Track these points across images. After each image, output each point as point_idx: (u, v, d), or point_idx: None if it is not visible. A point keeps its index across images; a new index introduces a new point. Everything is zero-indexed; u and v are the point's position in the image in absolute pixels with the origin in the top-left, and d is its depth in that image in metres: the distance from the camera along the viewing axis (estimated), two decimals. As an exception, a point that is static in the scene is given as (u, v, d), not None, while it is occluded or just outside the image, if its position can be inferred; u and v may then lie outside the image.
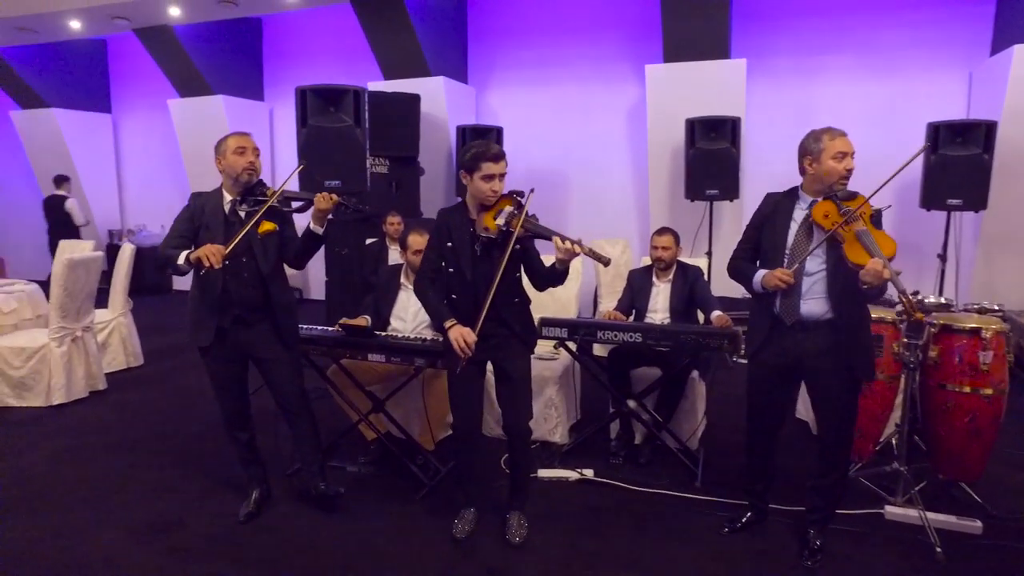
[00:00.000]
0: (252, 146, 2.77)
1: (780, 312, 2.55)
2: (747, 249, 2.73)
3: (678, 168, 6.20)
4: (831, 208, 2.47)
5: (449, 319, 2.54)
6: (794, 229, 2.56)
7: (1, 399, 4.40)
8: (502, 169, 2.53)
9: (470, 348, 2.45)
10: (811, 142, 2.55)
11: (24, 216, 10.75)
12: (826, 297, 2.49)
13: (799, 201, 2.61)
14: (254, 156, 2.76)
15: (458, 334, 2.47)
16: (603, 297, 5.88)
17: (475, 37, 7.61)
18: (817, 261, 2.50)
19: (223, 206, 2.76)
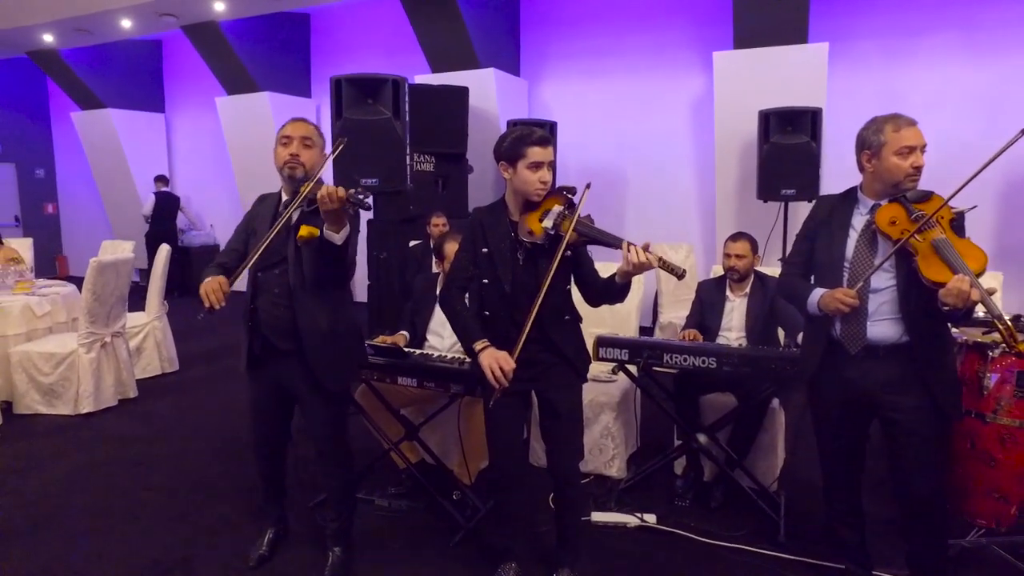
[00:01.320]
0: (300, 135, 2.26)
1: (842, 337, 2.09)
2: (799, 263, 2.26)
3: (749, 165, 5.63)
4: (899, 213, 2.00)
5: (481, 340, 2.08)
6: (854, 239, 2.10)
7: (31, 406, 4.25)
8: (549, 156, 2.10)
9: (506, 376, 2.01)
10: (871, 133, 2.08)
11: (84, 215, 10.96)
12: (899, 318, 2.03)
13: (858, 205, 2.14)
14: (299, 147, 2.24)
15: (492, 359, 2.02)
16: (664, 307, 5.39)
17: (528, 26, 7.19)
18: (885, 276, 2.03)
19: (277, 208, 2.31)
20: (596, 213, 2.32)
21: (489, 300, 2.18)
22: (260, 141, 7.85)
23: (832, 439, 2.26)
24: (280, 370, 2.33)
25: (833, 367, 2.14)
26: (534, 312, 2.02)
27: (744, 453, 3.07)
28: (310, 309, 2.24)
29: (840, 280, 2.09)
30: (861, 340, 2.06)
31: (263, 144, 7.95)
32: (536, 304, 2.02)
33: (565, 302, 2.21)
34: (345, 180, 4.08)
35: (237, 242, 2.37)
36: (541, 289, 2.02)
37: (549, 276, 2.02)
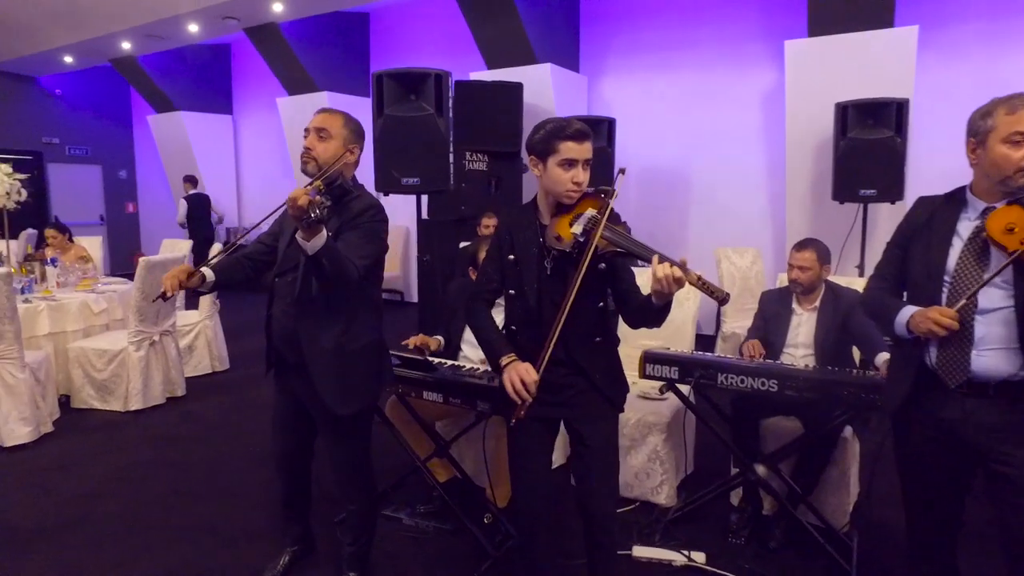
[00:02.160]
0: (315, 126, 2.10)
1: (938, 367, 1.73)
2: (889, 275, 1.92)
3: (823, 163, 5.17)
4: (1018, 217, 1.62)
5: (507, 355, 1.87)
6: (958, 248, 1.74)
7: (87, 400, 4.34)
8: (586, 153, 1.81)
9: (529, 391, 1.78)
10: (979, 116, 1.72)
11: (159, 214, 11.42)
12: (1017, 348, 1.65)
13: (966, 208, 1.77)
14: (314, 139, 2.09)
15: (513, 371, 1.80)
16: (728, 316, 5.02)
17: (588, 20, 6.92)
18: (999, 295, 1.66)
19: None
20: (657, 215, 2.07)
21: (514, 314, 1.96)
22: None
23: (921, 488, 1.89)
24: (294, 385, 2.21)
25: (926, 403, 1.78)
26: (557, 329, 1.78)
27: (810, 488, 2.73)
28: (313, 322, 2.06)
29: (938, 297, 1.74)
30: (963, 372, 1.69)
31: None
32: (559, 321, 1.78)
33: (598, 322, 1.93)
34: (386, 179, 3.96)
35: (267, 236, 2.27)
36: (564, 304, 1.78)
37: (573, 290, 1.77)
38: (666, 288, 1.66)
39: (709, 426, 2.82)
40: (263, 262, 2.26)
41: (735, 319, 4.94)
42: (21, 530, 2.84)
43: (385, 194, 4.29)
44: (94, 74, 10.61)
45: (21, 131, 10.35)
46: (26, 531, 2.83)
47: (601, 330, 1.93)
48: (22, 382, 3.73)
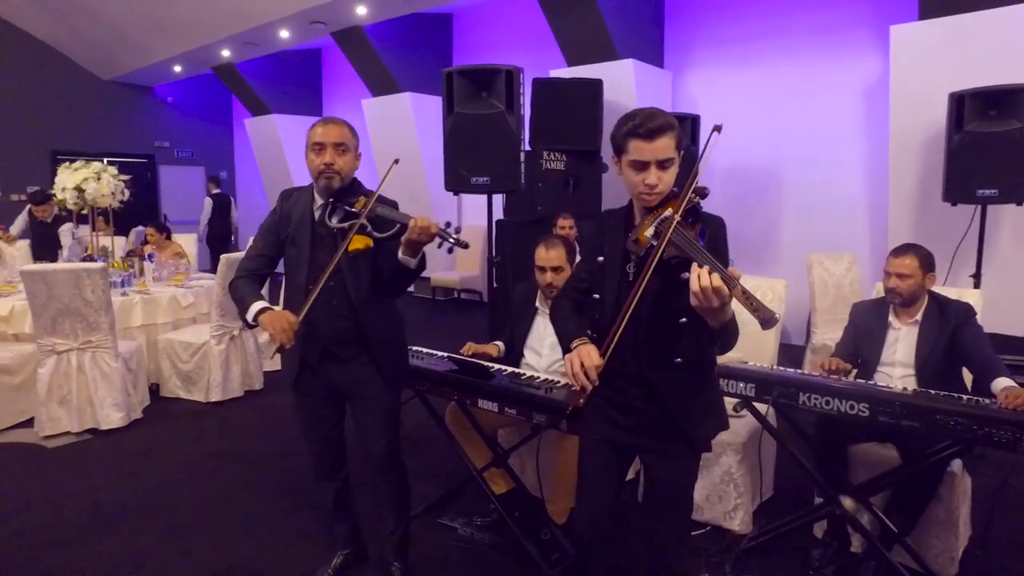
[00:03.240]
0: (332, 140, 2.09)
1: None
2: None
3: (933, 160, 4.68)
4: None
5: (579, 338, 1.71)
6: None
7: (173, 390, 4.56)
8: (660, 153, 1.59)
9: (588, 376, 1.59)
10: None
11: (256, 213, 12.00)
12: None
13: None
14: (334, 155, 2.09)
15: (575, 355, 1.63)
16: (818, 326, 4.65)
17: (673, 12, 6.63)
18: None
19: (312, 212, 2.19)
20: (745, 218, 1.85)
21: (595, 318, 1.80)
22: (401, 141, 8.04)
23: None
24: (337, 374, 2.24)
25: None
26: (614, 337, 1.59)
27: (909, 527, 2.42)
28: (374, 318, 2.20)
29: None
30: None
31: (403, 143, 8.23)
32: (618, 327, 1.59)
33: (679, 340, 1.67)
34: (455, 178, 3.90)
35: (265, 246, 2.24)
36: (623, 312, 1.59)
37: (635, 296, 1.59)
38: (703, 301, 1.43)
39: (788, 449, 2.56)
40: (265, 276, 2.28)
41: (826, 330, 4.56)
42: (105, 509, 3.00)
43: (455, 193, 4.25)
44: (200, 81, 11.30)
45: (138, 136, 11.21)
46: (109, 511, 2.99)
47: (683, 351, 1.68)
48: (116, 371, 3.95)
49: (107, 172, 5.29)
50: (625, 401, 1.73)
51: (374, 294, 2.17)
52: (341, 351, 2.19)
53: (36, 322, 3.78)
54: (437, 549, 2.64)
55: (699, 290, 1.42)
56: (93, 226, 5.60)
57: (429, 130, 7.94)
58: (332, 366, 2.22)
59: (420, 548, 2.64)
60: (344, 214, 2.13)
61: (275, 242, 2.25)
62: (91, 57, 10.18)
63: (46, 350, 3.81)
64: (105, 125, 10.79)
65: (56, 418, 3.84)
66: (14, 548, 2.67)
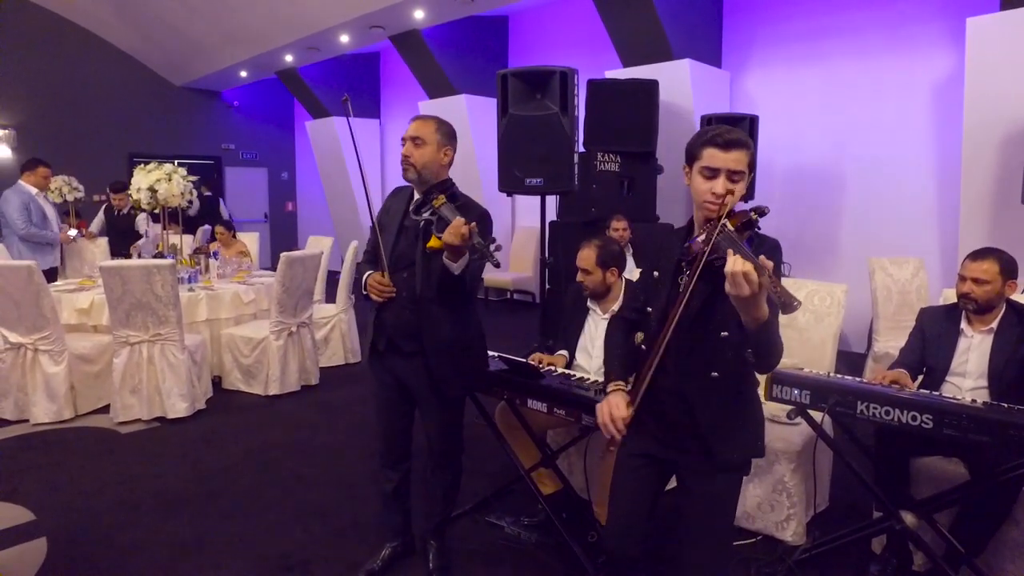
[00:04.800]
0: (410, 135, 2.24)
1: None
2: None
3: (1011, 160, 4.42)
4: None
5: (615, 382, 1.77)
6: None
7: (234, 383, 4.75)
8: (733, 163, 1.59)
9: (616, 427, 1.65)
10: None
11: (315, 213, 12.39)
12: None
13: None
14: (411, 148, 2.22)
15: (606, 405, 1.70)
16: (880, 332, 4.47)
17: (731, 10, 6.50)
18: None
19: (408, 205, 2.31)
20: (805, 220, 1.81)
21: (646, 330, 1.80)
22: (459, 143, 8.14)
23: None
24: (402, 368, 2.33)
25: None
26: (659, 350, 1.59)
27: (978, 548, 2.30)
28: (435, 317, 2.23)
29: None
30: None
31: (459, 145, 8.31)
32: (661, 340, 1.58)
33: (718, 353, 1.64)
34: (508, 179, 3.92)
35: (373, 241, 2.36)
36: (669, 321, 1.58)
37: (680, 304, 1.57)
38: (735, 288, 1.38)
39: (843, 459, 2.48)
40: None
41: (889, 337, 4.38)
42: (169, 493, 3.16)
43: (508, 194, 4.28)
44: (264, 86, 11.72)
45: (206, 139, 11.71)
46: (173, 495, 3.14)
47: (722, 365, 1.65)
48: (182, 363, 4.14)
49: (177, 173, 5.55)
50: (665, 414, 1.71)
51: (441, 294, 2.20)
52: (403, 343, 2.28)
53: (112, 315, 4.00)
54: (484, 547, 2.67)
55: (730, 273, 1.39)
56: (164, 225, 5.89)
57: (484, 132, 8.01)
58: (396, 358, 2.32)
59: (468, 545, 2.68)
60: (429, 210, 2.19)
61: (376, 235, 2.34)
62: (164, 64, 10.70)
63: (120, 341, 4.03)
64: (176, 129, 11.32)
65: (129, 405, 4.06)
66: (90, 525, 2.85)
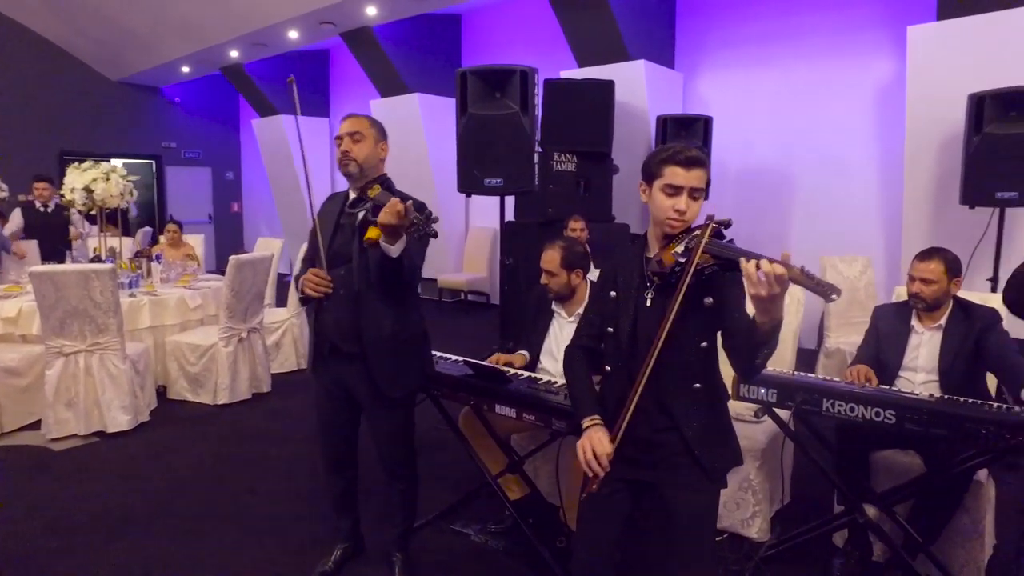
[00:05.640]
0: (348, 131, 2.21)
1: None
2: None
3: (949, 162, 4.62)
4: None
5: (590, 416, 1.70)
6: None
7: (181, 392, 4.53)
8: (694, 181, 1.61)
9: (601, 464, 1.60)
10: None
11: (262, 214, 12.02)
12: None
13: None
14: (349, 143, 2.20)
15: (587, 440, 1.64)
16: (831, 329, 4.60)
17: (684, 13, 6.59)
18: None
19: (344, 205, 2.27)
20: (756, 220, 1.82)
21: (610, 351, 1.77)
22: (409, 142, 8.00)
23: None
24: (344, 373, 2.27)
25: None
26: (647, 369, 1.56)
27: (933, 536, 2.37)
28: (375, 313, 2.19)
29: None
30: None
31: (412, 144, 8.21)
32: (649, 358, 1.56)
33: (699, 365, 1.66)
34: (468, 180, 3.86)
35: (310, 246, 2.33)
36: (657, 338, 1.56)
37: (670, 316, 1.55)
38: (765, 290, 1.38)
39: (810, 456, 2.51)
40: None
41: (840, 333, 4.51)
42: (111, 515, 2.96)
43: (468, 195, 4.21)
44: (207, 82, 11.30)
45: (145, 137, 11.21)
46: (114, 517, 2.95)
47: (702, 376, 1.66)
48: (123, 373, 3.91)
49: (116, 172, 5.27)
50: (647, 435, 1.67)
51: (378, 288, 2.16)
52: (344, 345, 2.22)
53: (44, 323, 3.75)
54: (451, 556, 2.61)
55: (762, 278, 1.38)
56: (101, 227, 5.58)
57: (438, 131, 7.91)
58: (340, 362, 2.26)
59: (434, 555, 2.61)
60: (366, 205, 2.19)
61: (315, 241, 2.29)
62: (99, 57, 10.18)
63: (54, 352, 3.78)
64: (112, 126, 10.79)
65: (63, 420, 3.81)
66: (20, 553, 2.64)
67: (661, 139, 5.83)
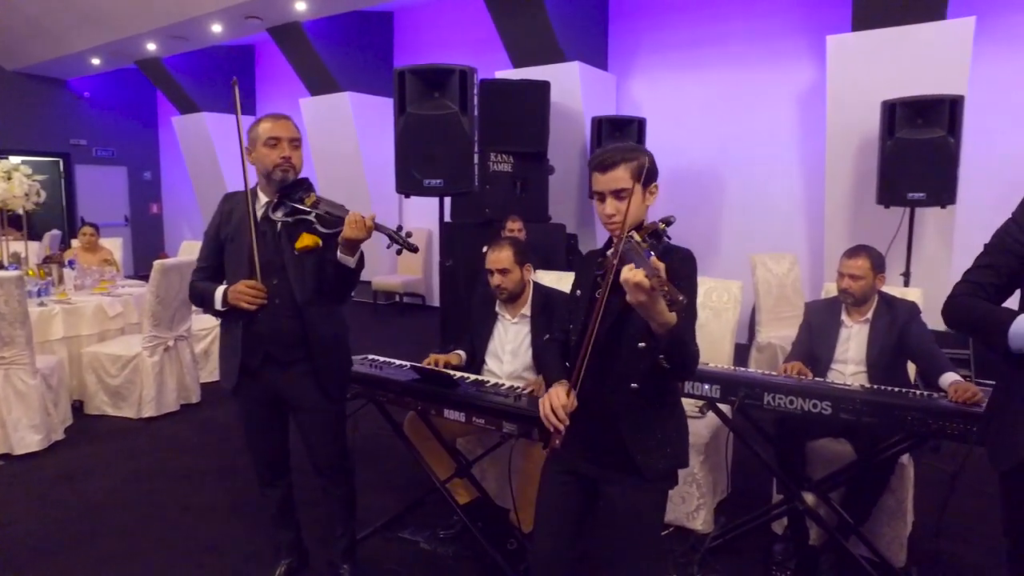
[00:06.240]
0: (289, 136, 2.12)
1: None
2: (988, 284, 1.59)
3: (866, 165, 4.90)
4: None
5: (558, 379, 1.72)
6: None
7: (100, 406, 4.24)
8: (613, 184, 1.60)
9: (558, 417, 1.57)
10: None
11: (184, 215, 11.45)
12: None
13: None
14: (291, 150, 2.11)
15: (546, 397, 1.62)
16: (762, 324, 4.77)
17: (617, 17, 6.71)
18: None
19: (255, 210, 2.13)
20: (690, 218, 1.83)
21: (571, 348, 1.77)
22: (341, 141, 7.82)
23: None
24: (280, 381, 2.18)
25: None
26: (581, 367, 1.55)
27: (863, 517, 2.50)
28: (320, 319, 2.16)
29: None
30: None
31: (343, 144, 8.01)
32: (583, 356, 1.55)
33: (637, 365, 1.61)
34: (407, 180, 3.79)
35: (210, 252, 2.23)
36: (590, 329, 1.55)
37: (597, 315, 1.54)
38: (632, 295, 1.38)
39: (752, 449, 2.60)
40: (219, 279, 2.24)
41: (770, 329, 4.69)
42: (22, 548, 2.71)
43: (406, 196, 4.13)
44: (121, 76, 10.67)
45: (50, 133, 10.45)
46: (27, 549, 2.70)
47: (639, 376, 1.62)
48: (33, 389, 3.63)
49: (19, 171, 4.89)
50: (587, 430, 1.68)
51: (319, 296, 2.14)
52: (282, 354, 2.15)
53: (-58, 336, 3.43)
54: (400, 565, 2.54)
55: (623, 283, 1.38)
56: (2, 229, 5.16)
57: (370, 131, 7.76)
58: (273, 371, 2.17)
59: (382, 565, 2.54)
60: (290, 209, 2.12)
61: (217, 246, 2.22)
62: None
63: (-46, 367, 3.47)
64: (10, 120, 9.99)
65: (-35, 442, 3.50)
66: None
67: (596, 140, 5.92)
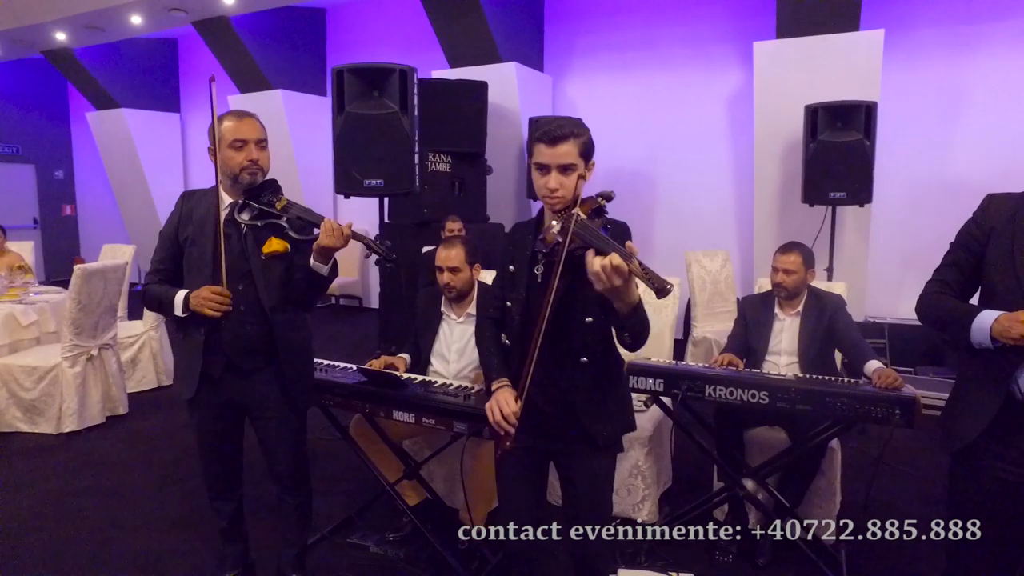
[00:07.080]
0: (255, 137, 2.04)
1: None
2: (953, 281, 1.71)
3: (792, 166, 5.15)
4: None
5: (499, 379, 1.73)
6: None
7: (12, 423, 3.95)
8: (560, 158, 1.61)
9: (508, 422, 1.61)
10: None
11: (101, 217, 10.82)
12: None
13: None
14: (258, 151, 2.04)
15: (494, 402, 1.65)
16: (698, 320, 4.93)
17: (553, 18, 6.79)
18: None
19: (218, 211, 2.03)
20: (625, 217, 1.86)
21: (509, 326, 1.79)
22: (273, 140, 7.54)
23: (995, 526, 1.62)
24: (243, 389, 2.12)
25: (1004, 435, 1.56)
26: (537, 345, 1.58)
27: (798, 500, 2.64)
28: (289, 325, 2.12)
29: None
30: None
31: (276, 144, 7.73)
32: (538, 332, 1.57)
33: (584, 339, 1.68)
34: (346, 181, 3.72)
35: (167, 255, 2.13)
36: (542, 313, 1.58)
37: (550, 296, 1.57)
38: (606, 282, 1.41)
39: (695, 439, 2.69)
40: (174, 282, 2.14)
41: (705, 323, 4.86)
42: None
43: (346, 196, 4.05)
44: (26, 66, 9.97)
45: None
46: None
47: (588, 350, 1.69)
48: (-61, 404, 3.36)
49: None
50: (536, 405, 1.72)
51: (286, 302, 2.09)
52: (245, 362, 2.08)
53: None
54: (351, 570, 2.50)
55: (599, 270, 1.40)
56: None
57: (304, 130, 7.57)
58: (234, 379, 2.10)
59: (332, 571, 2.49)
60: (257, 212, 2.05)
61: (176, 247, 2.11)
62: None
63: None
64: None
65: None
66: None
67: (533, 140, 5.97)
